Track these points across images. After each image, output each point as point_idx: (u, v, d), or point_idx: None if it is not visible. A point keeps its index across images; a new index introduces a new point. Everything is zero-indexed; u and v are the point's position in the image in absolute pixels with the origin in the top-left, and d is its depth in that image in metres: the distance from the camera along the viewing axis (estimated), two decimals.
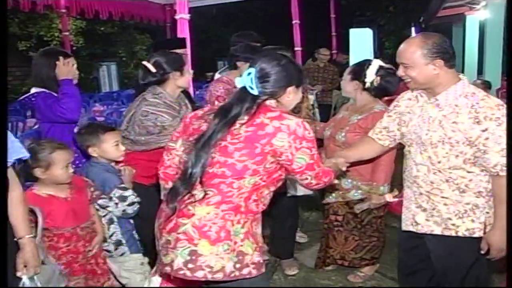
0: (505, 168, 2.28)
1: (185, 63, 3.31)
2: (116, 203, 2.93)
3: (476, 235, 2.44)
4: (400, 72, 2.48)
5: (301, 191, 3.52)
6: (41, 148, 2.65)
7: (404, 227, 2.72)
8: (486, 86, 6.62)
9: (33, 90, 3.35)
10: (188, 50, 4.18)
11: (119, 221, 3.04)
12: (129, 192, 2.97)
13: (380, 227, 3.57)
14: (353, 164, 3.20)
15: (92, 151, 3.03)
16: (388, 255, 3.91)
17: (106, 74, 14.46)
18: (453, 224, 2.47)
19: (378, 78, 3.30)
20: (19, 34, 11.58)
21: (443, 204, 2.48)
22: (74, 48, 10.64)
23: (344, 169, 2.92)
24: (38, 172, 2.64)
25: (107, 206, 2.96)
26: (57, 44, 10.78)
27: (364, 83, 3.34)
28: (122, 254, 3.08)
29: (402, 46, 2.46)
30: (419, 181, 2.56)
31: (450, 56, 2.37)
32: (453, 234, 2.48)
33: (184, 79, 3.28)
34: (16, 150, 2.17)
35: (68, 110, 3.24)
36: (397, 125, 2.72)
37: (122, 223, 3.05)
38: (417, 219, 2.61)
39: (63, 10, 7.77)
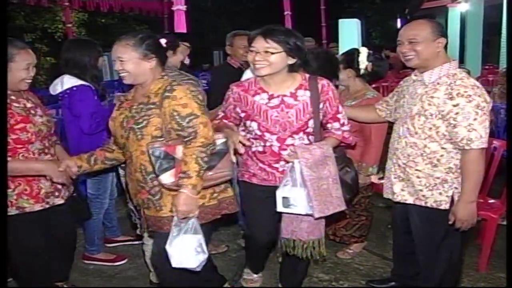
0: (470, 143, 2.34)
1: (179, 45, 3.42)
2: None
3: (442, 207, 2.50)
4: (403, 48, 2.48)
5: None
6: None
7: (384, 195, 2.82)
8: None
9: (69, 83, 3.20)
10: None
11: None
12: None
13: (368, 206, 3.60)
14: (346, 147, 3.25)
15: None
16: (374, 234, 3.93)
17: (107, 64, 14.27)
18: (424, 196, 2.56)
19: (370, 64, 3.29)
20: (25, 27, 11.50)
21: (416, 177, 2.56)
22: None
23: None
24: None
25: None
26: (61, 36, 10.71)
27: (358, 70, 3.33)
28: None
29: (409, 24, 2.53)
30: (398, 153, 2.64)
31: (446, 39, 2.45)
32: (423, 204, 2.56)
33: (176, 58, 3.39)
34: None
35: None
36: (394, 101, 2.80)
37: None
38: (394, 188, 2.69)
39: (66, 3, 7.68)
